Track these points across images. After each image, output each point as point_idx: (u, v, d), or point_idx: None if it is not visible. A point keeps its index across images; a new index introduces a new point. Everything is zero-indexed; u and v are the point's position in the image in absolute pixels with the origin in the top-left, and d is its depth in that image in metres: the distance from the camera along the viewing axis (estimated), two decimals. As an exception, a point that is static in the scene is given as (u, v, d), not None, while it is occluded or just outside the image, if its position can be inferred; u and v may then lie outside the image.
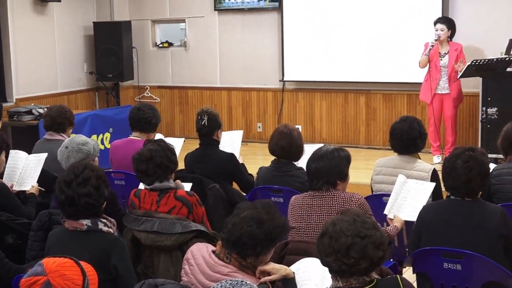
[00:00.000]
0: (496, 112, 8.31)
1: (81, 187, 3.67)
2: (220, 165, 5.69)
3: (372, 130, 10.11)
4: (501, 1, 9.12)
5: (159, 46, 11.56)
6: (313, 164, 4.24)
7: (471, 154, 3.94)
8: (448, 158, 4.03)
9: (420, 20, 9.29)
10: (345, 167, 4.26)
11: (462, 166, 3.90)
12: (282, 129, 5.36)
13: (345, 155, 4.30)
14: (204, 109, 5.93)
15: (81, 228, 3.67)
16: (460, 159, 3.93)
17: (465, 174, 3.88)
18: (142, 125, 6.03)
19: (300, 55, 10.30)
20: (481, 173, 3.92)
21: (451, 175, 3.93)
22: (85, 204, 3.66)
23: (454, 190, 3.96)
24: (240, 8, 10.72)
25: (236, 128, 10.79)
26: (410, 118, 5.23)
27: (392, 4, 9.63)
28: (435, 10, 9.15)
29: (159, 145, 4.50)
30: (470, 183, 3.89)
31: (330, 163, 4.20)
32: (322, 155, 4.25)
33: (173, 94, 11.50)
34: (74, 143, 4.90)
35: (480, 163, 3.93)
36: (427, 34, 8.84)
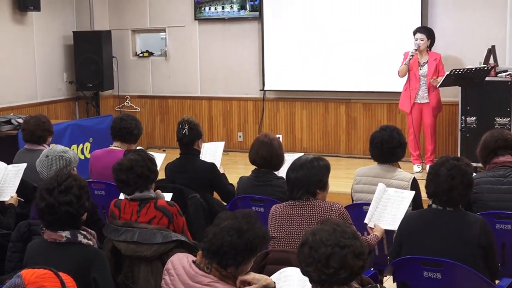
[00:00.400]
0: (475, 121, 8.38)
1: (62, 195, 3.64)
2: (200, 174, 5.68)
3: (352, 139, 10.14)
4: (479, 11, 9.20)
5: (139, 55, 11.54)
6: (292, 173, 4.24)
7: (456, 163, 3.97)
8: (433, 165, 4.07)
9: (400, 30, 9.35)
10: (325, 176, 4.26)
11: (446, 174, 3.93)
12: (262, 138, 5.36)
13: (325, 164, 4.31)
14: (185, 118, 5.93)
15: (60, 240, 3.63)
16: (444, 167, 3.96)
17: (447, 181, 3.91)
18: (124, 135, 6.01)
19: (281, 64, 10.33)
20: (463, 183, 3.94)
21: (433, 181, 3.96)
22: (65, 213, 3.62)
23: (435, 197, 3.98)
24: (220, 18, 10.73)
25: (217, 138, 10.79)
26: (390, 127, 5.25)
27: (372, 13, 9.69)
28: (414, 20, 9.22)
29: (140, 155, 4.49)
30: (452, 191, 3.91)
31: (309, 172, 4.20)
32: (301, 164, 4.26)
33: (153, 104, 11.48)
34: (54, 151, 4.88)
35: (463, 173, 3.96)
36: (407, 44, 8.91)
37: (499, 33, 9.06)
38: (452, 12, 9.34)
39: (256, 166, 5.35)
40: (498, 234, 4.48)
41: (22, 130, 6.22)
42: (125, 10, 11.45)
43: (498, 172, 4.80)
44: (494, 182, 4.77)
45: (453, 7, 9.32)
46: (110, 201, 4.57)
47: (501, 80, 8.32)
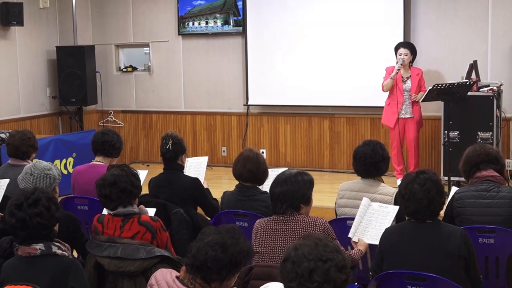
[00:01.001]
0: (457, 136, 8.43)
1: (32, 208, 3.67)
2: (184, 189, 5.67)
3: (336, 153, 10.17)
4: (461, 26, 9.28)
5: (123, 70, 11.53)
6: (276, 188, 4.25)
7: (426, 176, 4.01)
8: (403, 186, 4.06)
9: (383, 45, 9.40)
10: (308, 190, 4.27)
11: (421, 190, 3.95)
12: (247, 153, 5.37)
13: (308, 179, 4.32)
14: (169, 133, 5.93)
15: (34, 253, 3.64)
16: (416, 184, 3.99)
17: (426, 197, 3.94)
18: (107, 149, 6.00)
19: (264, 79, 10.35)
20: (439, 192, 4.01)
21: (411, 201, 3.98)
22: (37, 225, 3.64)
23: (416, 214, 4.00)
24: (204, 33, 10.75)
25: (201, 153, 10.78)
26: (373, 142, 5.27)
27: (355, 28, 9.73)
28: (397, 35, 9.27)
29: (123, 170, 4.48)
30: (432, 204, 3.96)
31: (293, 187, 4.21)
32: (285, 179, 4.26)
33: (137, 119, 11.46)
34: (39, 169, 4.84)
35: (436, 183, 4.01)
36: (390, 59, 8.97)
37: (481, 48, 9.14)
38: (434, 27, 9.41)
39: (241, 180, 5.34)
40: (481, 248, 4.51)
41: (7, 145, 6.17)
42: (109, 25, 11.45)
43: (480, 186, 4.82)
44: (477, 196, 4.79)
45: (435, 22, 9.40)
46: (93, 216, 4.56)
47: (483, 95, 8.39)
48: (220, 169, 10.39)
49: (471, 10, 9.20)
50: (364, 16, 9.68)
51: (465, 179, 5.13)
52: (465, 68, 8.59)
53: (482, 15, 9.15)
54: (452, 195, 4.96)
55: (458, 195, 4.86)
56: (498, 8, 9.08)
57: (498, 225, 4.60)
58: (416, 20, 9.48)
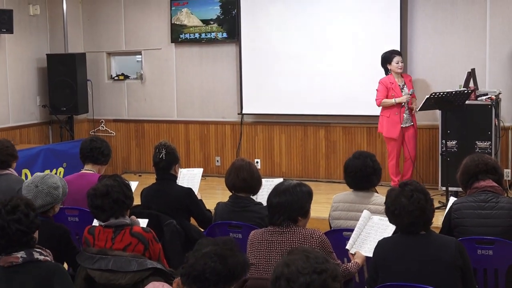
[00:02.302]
0: (455, 145, 8.44)
1: (10, 214, 3.67)
2: (177, 200, 5.66)
3: (332, 163, 10.17)
4: (459, 34, 9.30)
5: (114, 78, 11.53)
6: (274, 198, 4.24)
7: (411, 188, 4.02)
8: (391, 202, 4.04)
9: (379, 54, 9.37)
10: (307, 203, 4.27)
11: (410, 202, 3.96)
12: (240, 162, 5.37)
13: (308, 191, 4.32)
14: (162, 142, 5.93)
15: (16, 262, 3.63)
16: (403, 197, 3.99)
17: (416, 207, 3.94)
18: (95, 155, 6.00)
19: (259, 88, 10.36)
20: (427, 200, 4.01)
21: (403, 215, 3.97)
22: (16, 231, 3.64)
23: (411, 227, 3.99)
24: (197, 40, 10.76)
25: (194, 162, 10.77)
26: (363, 154, 5.26)
27: (351, 37, 9.76)
28: (394, 43, 9.28)
29: (115, 180, 4.47)
30: (424, 214, 3.96)
31: (292, 198, 4.20)
32: (284, 189, 4.25)
33: (129, 128, 11.45)
34: (45, 184, 4.80)
35: (422, 191, 4.02)
36: (386, 67, 8.97)
37: (478, 56, 9.17)
38: (431, 35, 9.44)
39: (235, 190, 5.34)
40: (479, 260, 4.51)
41: None
42: (100, 32, 11.46)
43: (479, 197, 4.82)
44: (476, 207, 4.79)
45: (433, 30, 9.42)
46: (83, 227, 4.54)
47: (481, 103, 8.39)
48: (213, 179, 10.38)
49: (468, 18, 9.23)
50: (359, 25, 9.71)
51: (463, 190, 5.14)
52: (463, 76, 8.60)
53: (480, 22, 9.18)
54: (450, 205, 4.96)
55: (456, 206, 4.86)
56: (496, 15, 9.11)
57: (497, 237, 4.60)
58: (413, 28, 9.50)
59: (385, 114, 8.81)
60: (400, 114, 8.65)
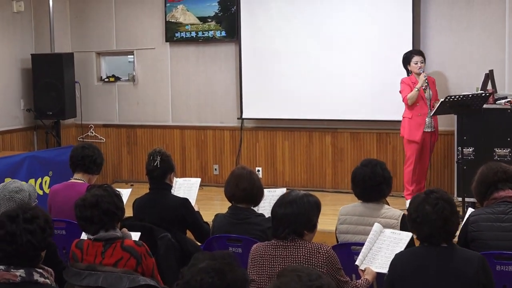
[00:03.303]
0: (472, 152, 8.44)
1: (27, 223, 3.64)
2: (172, 211, 5.66)
3: (339, 172, 10.16)
4: (476, 33, 9.31)
5: (104, 80, 11.54)
6: (279, 209, 4.24)
7: (436, 195, 4.01)
8: (413, 208, 4.04)
9: (390, 53, 9.40)
10: (315, 216, 4.27)
11: (434, 210, 3.95)
12: (240, 171, 5.38)
13: (316, 202, 4.32)
14: (157, 149, 5.94)
15: (14, 280, 3.60)
16: (428, 204, 3.98)
17: (440, 217, 3.93)
18: (87, 164, 6.00)
19: (260, 90, 10.36)
20: (453, 211, 4.00)
21: (425, 223, 3.96)
22: (26, 243, 3.61)
23: (431, 238, 3.98)
24: (194, 39, 10.77)
25: (190, 171, 10.78)
26: (372, 162, 5.26)
27: (359, 36, 9.75)
28: (406, 42, 9.30)
29: (105, 190, 4.47)
30: (447, 225, 3.95)
31: (299, 210, 4.20)
32: (291, 200, 4.25)
33: (120, 134, 11.46)
34: (6, 190, 4.82)
35: (448, 201, 4.01)
36: (397, 69, 8.96)
37: (497, 56, 9.16)
38: (446, 34, 9.44)
39: (234, 201, 5.34)
40: (498, 276, 4.50)
41: None
42: (89, 31, 11.47)
43: (498, 208, 4.81)
44: (494, 219, 4.78)
45: (447, 29, 9.42)
46: (71, 241, 4.54)
47: (500, 107, 8.39)
48: (211, 189, 10.37)
49: (486, 15, 9.24)
50: (369, 23, 9.70)
51: (479, 202, 5.11)
52: (480, 78, 8.61)
53: (499, 20, 9.18)
54: (467, 217, 4.95)
55: (473, 218, 4.85)
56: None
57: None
58: (426, 26, 9.51)
59: (407, 115, 8.77)
60: (423, 116, 8.62)
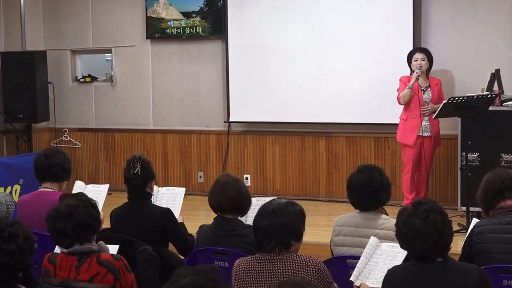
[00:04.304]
0: (477, 158, 8.46)
1: (5, 243, 3.63)
2: (153, 222, 5.66)
3: (334, 179, 10.17)
4: (481, 29, 9.34)
5: (80, 81, 11.52)
6: (263, 220, 4.24)
7: (425, 207, 3.99)
8: (402, 223, 4.03)
9: (388, 52, 9.43)
10: (301, 224, 4.28)
11: (424, 224, 3.93)
12: (225, 178, 5.38)
13: (300, 210, 4.33)
14: (137, 156, 5.93)
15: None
16: (417, 218, 3.97)
17: (432, 231, 3.93)
18: (55, 173, 6.01)
19: (249, 91, 10.37)
20: (445, 222, 3.99)
21: (416, 239, 3.95)
22: (3, 264, 3.59)
23: (425, 254, 3.98)
24: (177, 36, 10.77)
25: (173, 179, 10.77)
26: (369, 167, 5.27)
27: (355, 33, 9.77)
28: (405, 39, 9.33)
29: (80, 200, 4.46)
30: (441, 238, 3.94)
31: (284, 219, 4.21)
32: (273, 210, 4.26)
33: (97, 138, 11.44)
34: None
35: (439, 212, 4.00)
36: (396, 68, 9.00)
37: (504, 54, 9.20)
38: (449, 29, 9.47)
39: (220, 212, 5.34)
40: (505, 291, 4.52)
41: None
42: (64, 27, 11.46)
43: (505, 218, 4.82)
44: (501, 230, 4.79)
45: (450, 23, 9.46)
46: (43, 255, 4.53)
47: (507, 109, 8.42)
48: (196, 198, 10.36)
49: (492, 9, 9.26)
50: (366, 19, 9.72)
51: (484, 212, 5.12)
52: (486, 78, 8.64)
53: (506, 15, 9.21)
54: (471, 229, 4.96)
55: (478, 229, 4.86)
56: (524, 7, 9.16)
57: (525, 265, 4.62)
58: (428, 22, 9.54)
59: (402, 117, 8.81)
60: (417, 119, 8.62)
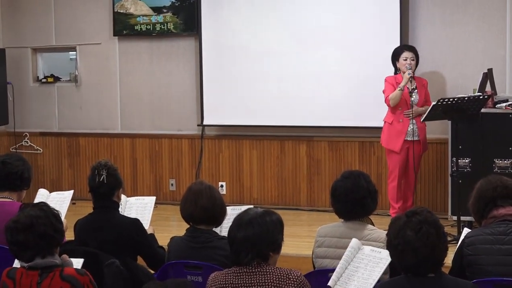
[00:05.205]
0: (469, 164, 8.49)
1: None
2: (121, 234, 5.65)
3: (315, 187, 10.19)
4: (473, 25, 9.39)
5: (42, 81, 11.48)
6: (238, 232, 4.24)
7: (419, 218, 3.97)
8: (393, 234, 4.01)
9: (374, 51, 9.45)
10: (280, 234, 4.29)
11: (417, 237, 3.92)
12: (197, 186, 5.38)
13: (278, 219, 4.34)
14: (102, 162, 5.91)
15: None
16: (409, 229, 3.95)
17: (425, 244, 3.91)
18: (13, 181, 5.98)
19: (224, 92, 10.38)
20: (439, 235, 3.97)
21: (407, 252, 3.95)
22: None
23: (417, 268, 3.98)
24: (146, 33, 10.76)
25: (142, 187, 10.76)
26: (354, 173, 5.29)
27: (340, 30, 9.79)
28: (392, 36, 9.37)
29: (42, 210, 4.45)
30: (434, 252, 3.94)
31: (261, 229, 4.21)
32: (250, 220, 4.26)
33: (60, 143, 11.41)
34: None
35: (433, 224, 3.97)
36: (382, 68, 9.02)
37: (497, 53, 9.26)
38: (438, 26, 9.51)
39: (193, 222, 5.35)
40: (498, 306, 4.54)
41: None
42: (24, 24, 11.42)
43: (497, 228, 4.84)
44: (493, 241, 4.81)
45: (440, 19, 9.49)
46: (1, 269, 4.52)
47: (500, 112, 8.44)
48: (167, 207, 10.35)
49: (484, 5, 9.32)
50: (347, 14, 9.75)
51: (476, 221, 5.14)
52: (477, 78, 8.68)
53: (499, 10, 9.26)
54: (462, 239, 4.98)
55: (469, 240, 4.88)
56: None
57: (520, 277, 4.64)
58: (416, 18, 9.57)
59: (387, 120, 8.84)
60: (405, 122, 8.65)
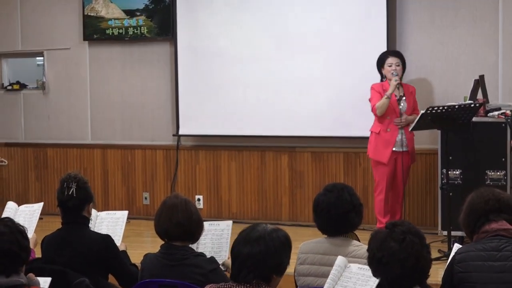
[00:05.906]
0: (460, 176, 8.50)
1: None
2: (91, 251, 5.63)
3: (298, 201, 10.19)
4: (464, 29, 9.42)
5: (7, 88, 11.46)
6: (244, 248, 4.20)
7: (402, 229, 4.01)
8: (376, 247, 4.03)
9: (360, 57, 9.46)
10: (287, 257, 4.25)
11: (401, 247, 3.95)
12: (173, 200, 5.36)
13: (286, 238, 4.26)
14: (72, 174, 5.89)
15: None
16: (393, 241, 3.98)
17: (410, 254, 3.94)
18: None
19: (201, 101, 10.37)
20: (423, 245, 4.01)
21: (392, 264, 3.97)
22: None
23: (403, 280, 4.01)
24: (118, 38, 10.74)
25: (114, 201, 10.74)
26: (337, 186, 5.29)
27: (324, 35, 9.81)
28: (378, 41, 9.40)
29: (6, 226, 4.43)
30: (419, 263, 3.96)
31: (268, 249, 4.16)
32: (258, 237, 4.21)
33: (26, 154, 11.37)
34: None
35: (416, 234, 4.01)
36: (368, 75, 9.04)
37: (489, 59, 9.28)
38: (427, 30, 9.53)
39: (168, 238, 5.33)
40: (491, 326, 4.55)
41: None
42: (-12, 27, 11.41)
43: (490, 244, 4.85)
44: (485, 257, 4.82)
45: (429, 24, 9.52)
46: (-37, 290, 4.50)
47: (492, 121, 8.44)
48: (140, 223, 10.33)
49: (476, 8, 9.34)
50: (332, 18, 9.77)
51: (468, 236, 5.15)
52: (468, 85, 8.70)
53: (491, 15, 9.30)
54: (453, 255, 5.00)
55: (460, 256, 4.89)
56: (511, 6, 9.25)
57: (513, 296, 4.66)
58: (404, 22, 9.60)
59: (374, 129, 8.85)
60: (393, 132, 8.66)
